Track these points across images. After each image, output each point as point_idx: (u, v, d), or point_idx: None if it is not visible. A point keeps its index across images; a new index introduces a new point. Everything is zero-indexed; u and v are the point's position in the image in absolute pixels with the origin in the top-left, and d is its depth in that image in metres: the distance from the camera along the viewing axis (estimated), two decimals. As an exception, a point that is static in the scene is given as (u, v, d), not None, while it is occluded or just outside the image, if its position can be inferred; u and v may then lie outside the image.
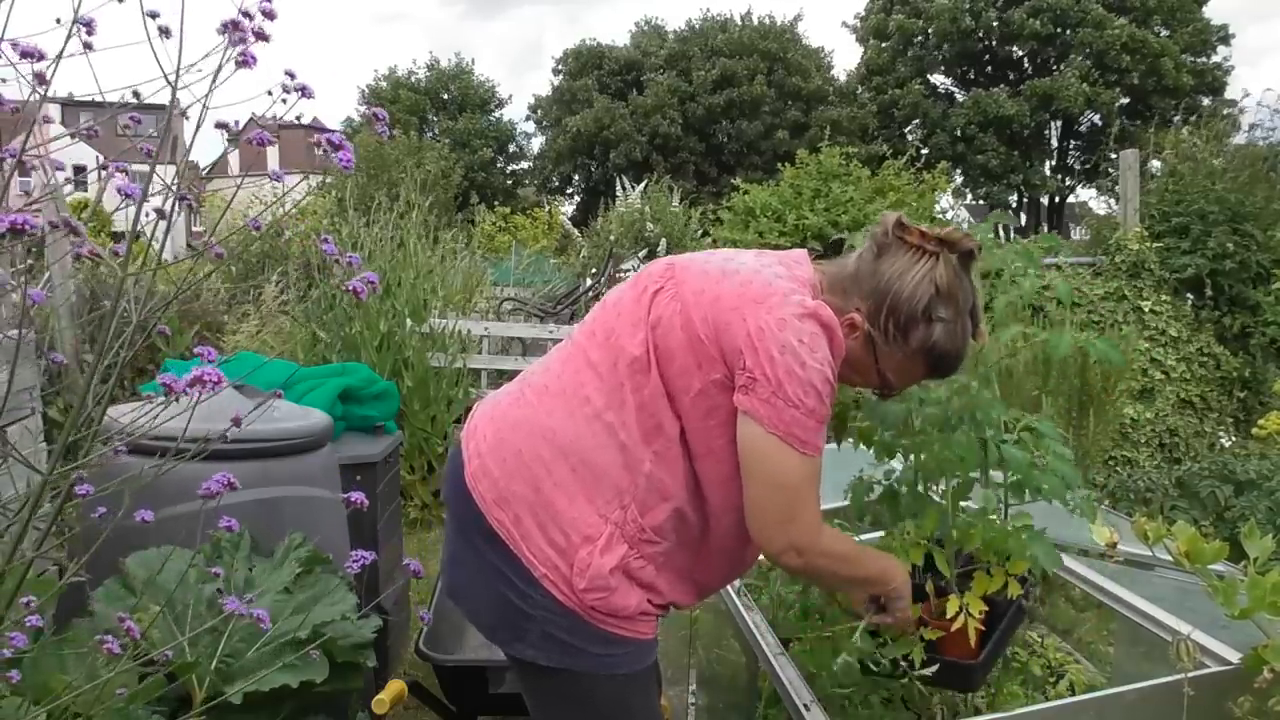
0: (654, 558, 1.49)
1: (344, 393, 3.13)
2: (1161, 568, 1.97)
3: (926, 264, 1.42)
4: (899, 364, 1.46)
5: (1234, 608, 1.40)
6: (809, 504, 1.42)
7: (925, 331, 1.41)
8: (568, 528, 1.47)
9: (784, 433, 1.37)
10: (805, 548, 1.43)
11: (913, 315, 1.41)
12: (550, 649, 1.49)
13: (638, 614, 1.49)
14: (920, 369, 1.48)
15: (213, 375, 1.06)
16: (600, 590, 1.45)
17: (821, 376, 1.37)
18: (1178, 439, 5.73)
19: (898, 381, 1.50)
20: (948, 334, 1.42)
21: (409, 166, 14.21)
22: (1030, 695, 2.14)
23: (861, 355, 1.47)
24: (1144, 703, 1.45)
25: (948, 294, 1.41)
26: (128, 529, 1.83)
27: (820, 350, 1.39)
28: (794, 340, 1.37)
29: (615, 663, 1.50)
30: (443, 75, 37.43)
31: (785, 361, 1.36)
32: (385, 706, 2.34)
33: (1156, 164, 6.98)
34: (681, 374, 1.43)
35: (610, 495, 1.46)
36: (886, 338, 1.43)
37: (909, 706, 2.12)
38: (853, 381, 1.56)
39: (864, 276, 1.46)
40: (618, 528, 1.46)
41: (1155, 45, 28.23)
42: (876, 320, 1.43)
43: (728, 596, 2.10)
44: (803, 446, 1.38)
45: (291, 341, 5.69)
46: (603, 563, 1.44)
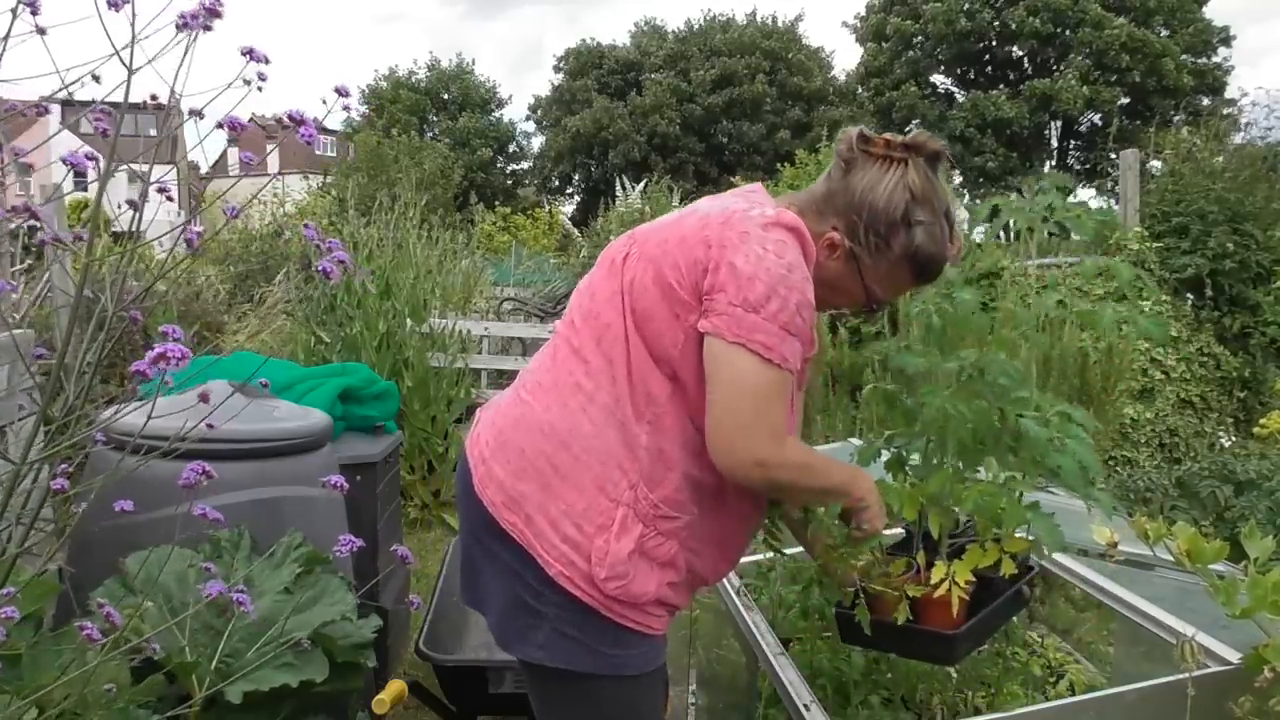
0: (675, 533, 1.46)
1: (344, 393, 3.13)
2: (1162, 568, 1.96)
3: (897, 171, 1.42)
4: (885, 275, 1.45)
5: (1235, 607, 1.40)
6: (774, 414, 1.36)
7: (907, 237, 1.41)
8: (580, 520, 1.44)
9: (745, 339, 1.33)
10: (768, 459, 1.36)
11: (892, 222, 1.41)
12: (559, 650, 1.47)
13: (654, 601, 1.46)
14: (906, 276, 1.46)
15: (175, 352, 1.05)
16: (620, 578, 1.42)
17: (787, 282, 1.34)
18: (1178, 439, 5.73)
19: (885, 293, 1.48)
20: (929, 236, 1.42)
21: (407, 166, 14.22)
22: (1030, 695, 2.14)
23: (845, 273, 1.46)
24: (1144, 703, 1.45)
25: (923, 197, 1.41)
26: (128, 529, 1.83)
27: (788, 255, 1.36)
28: (757, 249, 1.35)
29: (623, 663, 1.48)
30: (443, 75, 37.43)
31: (748, 269, 1.34)
32: (385, 706, 2.34)
33: (1156, 164, 6.99)
34: (664, 331, 1.41)
35: (617, 477, 1.44)
36: (869, 250, 1.42)
37: (909, 707, 2.12)
38: (838, 303, 1.53)
39: (836, 195, 1.45)
40: (630, 508, 1.43)
41: (1156, 45, 28.23)
42: (856, 235, 1.42)
43: (728, 596, 2.10)
44: (766, 351, 1.33)
45: (292, 342, 5.69)
46: (620, 547, 1.42)
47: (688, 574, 1.51)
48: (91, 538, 2.25)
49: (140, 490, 1.61)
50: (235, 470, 2.32)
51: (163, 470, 1.54)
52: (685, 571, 1.50)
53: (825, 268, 1.45)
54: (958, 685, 2.13)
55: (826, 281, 1.46)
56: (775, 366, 1.34)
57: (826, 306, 1.53)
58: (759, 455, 1.36)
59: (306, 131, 1.26)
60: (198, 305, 6.15)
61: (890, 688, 2.10)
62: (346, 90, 1.33)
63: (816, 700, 1.62)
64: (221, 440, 2.29)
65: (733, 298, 1.33)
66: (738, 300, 1.33)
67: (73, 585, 2.10)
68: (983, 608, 1.56)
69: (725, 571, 1.62)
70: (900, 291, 1.51)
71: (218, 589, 1.43)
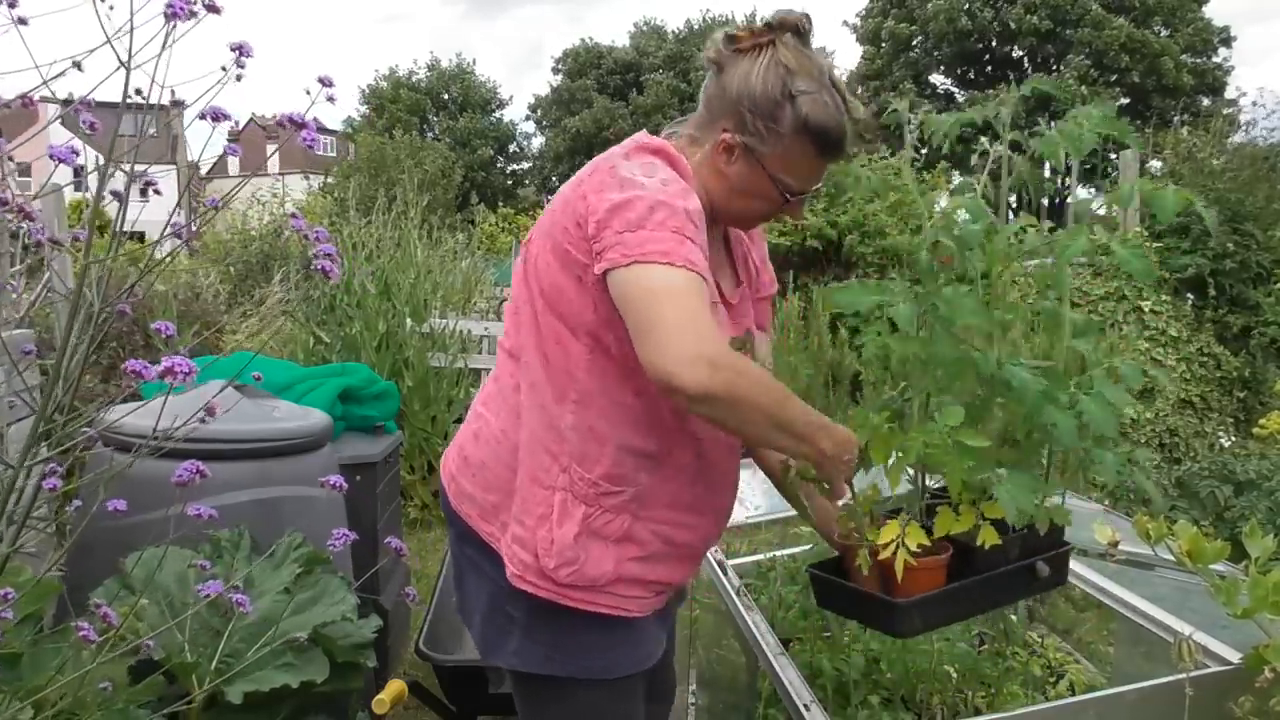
0: (624, 508, 1.42)
1: (344, 393, 3.13)
2: (1162, 568, 1.97)
3: (767, 54, 1.39)
4: (786, 159, 1.40)
5: (1236, 607, 1.40)
6: (701, 313, 1.24)
7: (793, 110, 1.37)
8: (523, 515, 1.44)
9: (639, 255, 1.25)
10: (715, 357, 1.21)
11: (774, 101, 1.37)
12: (531, 655, 1.47)
13: (618, 580, 1.43)
14: (809, 154, 1.40)
15: (183, 366, 1.06)
16: (570, 563, 1.40)
17: (665, 193, 1.30)
18: (1178, 439, 5.73)
19: (795, 179, 1.42)
20: (815, 104, 1.37)
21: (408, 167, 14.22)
22: (1030, 695, 2.14)
23: (749, 172, 1.41)
24: (1144, 703, 1.45)
25: (800, 69, 1.38)
26: (128, 529, 1.83)
27: (659, 173, 1.33)
28: (626, 175, 1.32)
29: (597, 667, 1.46)
30: (443, 75, 37.45)
31: (622, 197, 1.29)
32: (385, 706, 2.34)
33: (1156, 164, 6.99)
34: (574, 299, 1.38)
35: (547, 463, 1.42)
36: (762, 137, 1.38)
37: (909, 707, 2.12)
38: (756, 210, 1.47)
39: (715, 99, 1.43)
40: (567, 491, 1.41)
41: (1155, 45, 28.23)
42: (746, 128, 1.39)
43: (728, 596, 2.10)
44: (665, 258, 1.25)
45: (292, 342, 5.69)
46: (564, 533, 1.40)
47: (661, 545, 1.47)
48: (92, 538, 2.25)
49: (140, 490, 1.61)
50: (235, 470, 2.33)
51: (163, 470, 1.54)
52: (655, 543, 1.46)
53: (729, 174, 1.42)
54: (958, 685, 2.13)
55: (735, 189, 1.43)
56: (682, 269, 1.25)
57: (747, 218, 1.50)
58: (701, 350, 1.21)
59: (308, 135, 1.26)
60: (198, 305, 6.15)
61: (890, 688, 2.10)
62: (330, 80, 1.33)
63: (816, 700, 1.62)
64: (222, 440, 2.29)
65: (617, 227, 1.28)
66: (622, 227, 1.28)
67: (73, 586, 2.10)
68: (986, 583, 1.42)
69: (712, 534, 1.56)
70: (811, 174, 1.44)
71: (216, 589, 1.43)
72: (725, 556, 2.34)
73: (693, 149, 1.46)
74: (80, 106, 1.28)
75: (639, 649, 1.50)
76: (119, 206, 1.26)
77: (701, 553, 1.58)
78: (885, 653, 2.11)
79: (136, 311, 4.48)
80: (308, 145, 1.29)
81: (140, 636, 1.54)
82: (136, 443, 1.43)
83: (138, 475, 1.60)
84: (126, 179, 1.23)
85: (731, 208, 1.46)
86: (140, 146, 1.27)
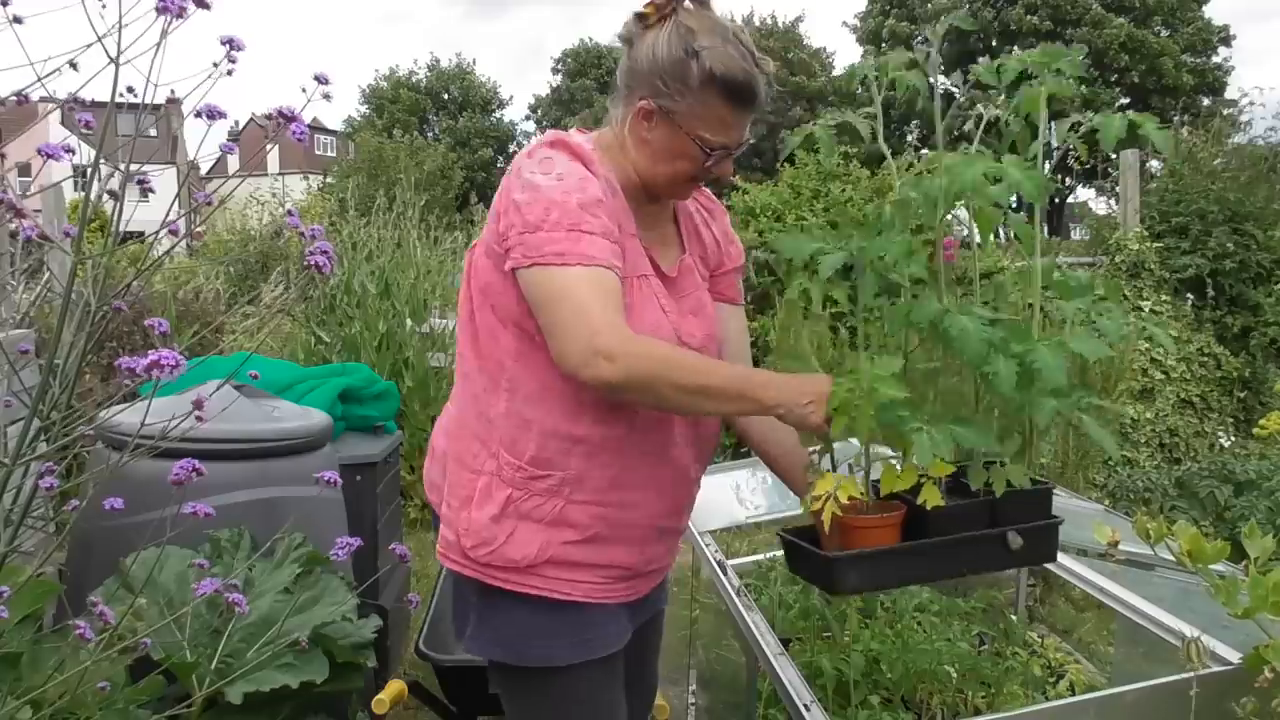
0: (556, 491, 1.43)
1: (344, 393, 3.12)
2: (1162, 568, 1.97)
3: (669, 22, 1.44)
4: (700, 115, 1.43)
5: (1236, 607, 1.40)
6: (598, 306, 1.31)
7: (697, 65, 1.40)
8: (450, 498, 1.50)
9: (537, 257, 1.33)
10: (612, 350, 1.28)
11: (679, 60, 1.41)
12: (482, 640, 1.51)
13: (545, 561, 1.44)
14: (720, 106, 1.43)
15: (169, 360, 1.06)
16: (486, 543, 1.44)
17: (560, 189, 1.36)
18: (1178, 439, 5.73)
19: (713, 134, 1.44)
20: (719, 57, 1.40)
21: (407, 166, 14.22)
22: (1030, 695, 2.15)
23: (669, 134, 1.44)
24: (1144, 703, 1.45)
25: (701, 28, 1.42)
26: (128, 529, 1.83)
27: (556, 167, 1.39)
28: (528, 176, 1.38)
29: (530, 651, 1.47)
30: (443, 75, 37.45)
31: (524, 197, 1.36)
32: (385, 706, 2.34)
33: (1156, 164, 6.99)
34: (502, 292, 1.43)
35: (476, 449, 1.47)
36: (674, 97, 1.42)
37: (909, 707, 2.12)
38: (682, 171, 1.48)
39: (628, 74, 1.48)
40: (494, 476, 1.45)
41: (1155, 45, 28.24)
42: (659, 92, 1.43)
43: (728, 596, 2.10)
44: (560, 259, 1.32)
45: (292, 342, 5.69)
46: (481, 515, 1.44)
47: (604, 528, 1.46)
48: (92, 538, 2.25)
49: (141, 490, 1.61)
50: (235, 470, 2.33)
51: (163, 470, 1.54)
52: (597, 526, 1.46)
53: (651, 141, 1.46)
54: (958, 685, 2.13)
55: (659, 154, 1.46)
56: (576, 267, 1.32)
57: (675, 183, 1.50)
58: (597, 345, 1.28)
59: (298, 128, 1.27)
60: (198, 305, 6.15)
61: (890, 688, 2.10)
62: (326, 78, 1.35)
63: (816, 700, 1.62)
64: (222, 440, 2.29)
65: (519, 228, 1.35)
66: (523, 228, 1.35)
67: (73, 586, 2.10)
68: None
69: (661, 511, 1.52)
70: (727, 127, 1.45)
71: (210, 586, 1.44)
72: (725, 556, 2.34)
73: (616, 127, 1.51)
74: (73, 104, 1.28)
75: (585, 636, 1.49)
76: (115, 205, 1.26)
77: (656, 532, 1.55)
78: (885, 653, 2.11)
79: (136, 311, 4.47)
80: (299, 139, 1.30)
81: (137, 635, 1.54)
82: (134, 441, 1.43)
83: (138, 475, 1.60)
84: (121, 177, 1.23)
85: (658, 175, 1.48)
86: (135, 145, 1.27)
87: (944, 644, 2.14)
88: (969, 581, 3.05)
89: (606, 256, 1.34)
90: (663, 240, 1.57)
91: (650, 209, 1.54)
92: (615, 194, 1.44)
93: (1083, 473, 4.28)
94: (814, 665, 2.05)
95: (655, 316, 1.45)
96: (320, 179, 17.04)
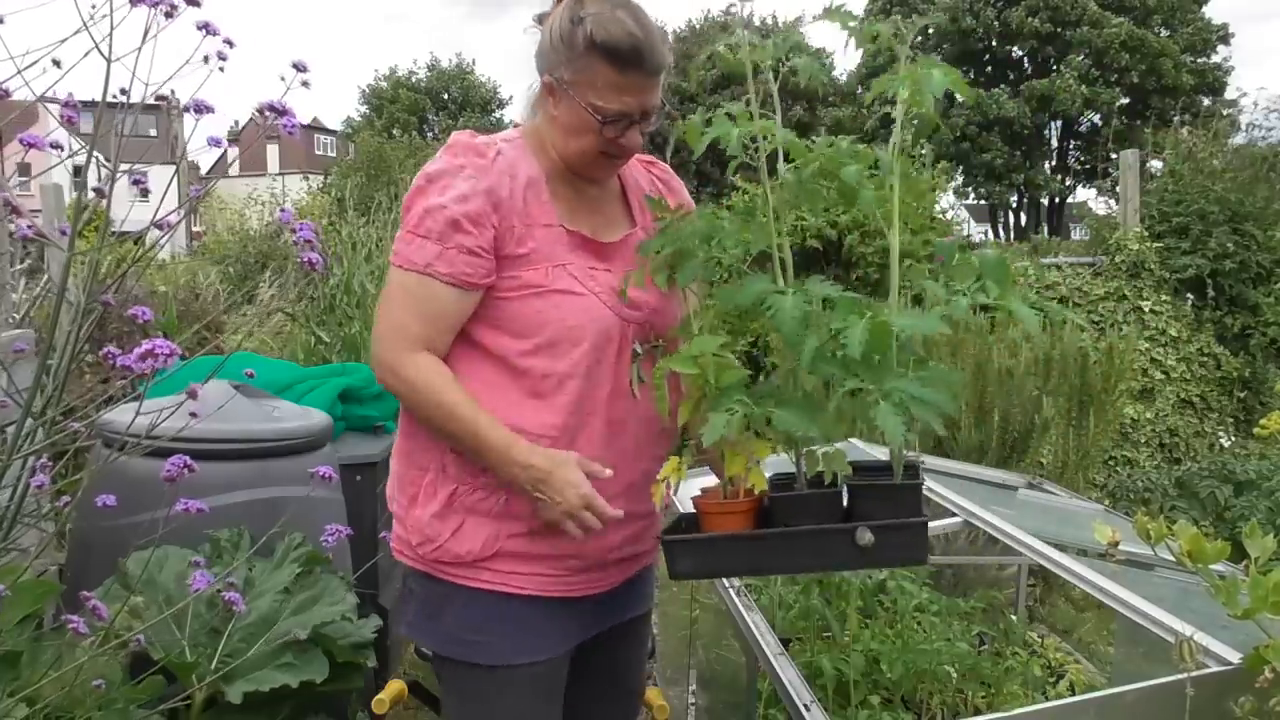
0: (501, 483, 1.43)
1: (344, 393, 3.12)
2: (1162, 568, 1.96)
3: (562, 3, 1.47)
4: (588, 80, 1.43)
5: (1236, 608, 1.40)
6: (392, 315, 1.42)
7: (581, 31, 1.41)
8: (399, 494, 1.52)
9: (393, 258, 1.44)
10: (383, 361, 1.42)
11: (568, 31, 1.43)
12: (422, 628, 1.52)
13: (494, 555, 1.44)
14: (607, 72, 1.42)
15: (164, 348, 1.07)
16: (431, 540, 1.46)
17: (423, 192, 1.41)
18: (1178, 439, 5.74)
19: (604, 101, 1.43)
20: (600, 21, 1.41)
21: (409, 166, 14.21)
22: (1030, 695, 2.14)
23: (568, 108, 1.45)
24: (1144, 703, 1.45)
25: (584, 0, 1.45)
26: (129, 529, 1.83)
27: (431, 168, 1.43)
28: (415, 185, 1.44)
29: (461, 642, 1.47)
30: (443, 75, 37.45)
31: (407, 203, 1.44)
32: (385, 706, 2.34)
33: (1156, 164, 6.99)
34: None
35: (426, 444, 1.48)
36: (566, 66, 1.44)
37: (909, 707, 2.12)
38: (587, 146, 1.47)
39: (537, 55, 1.50)
40: (439, 472, 1.46)
41: (1155, 45, 28.23)
42: (555, 66, 1.45)
43: (728, 596, 2.10)
44: (395, 259, 1.43)
45: (292, 342, 5.69)
46: (425, 512, 1.46)
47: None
48: (92, 537, 2.25)
49: (142, 490, 1.61)
50: (235, 470, 2.32)
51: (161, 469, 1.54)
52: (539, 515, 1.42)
53: (558, 117, 1.47)
54: (958, 685, 2.13)
55: (564, 129, 1.47)
56: (402, 270, 1.41)
57: (585, 158, 1.49)
58: (378, 353, 1.42)
59: (289, 121, 1.29)
60: (198, 305, 6.15)
61: (890, 688, 2.10)
62: (304, 65, 1.39)
63: (816, 700, 1.62)
64: (222, 440, 2.29)
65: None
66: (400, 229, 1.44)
67: (73, 586, 2.10)
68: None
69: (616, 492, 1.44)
70: (617, 93, 1.43)
71: (205, 581, 1.44)
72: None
73: (529, 112, 1.55)
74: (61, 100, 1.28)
75: (521, 638, 1.47)
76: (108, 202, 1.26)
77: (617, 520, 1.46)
78: (885, 653, 2.11)
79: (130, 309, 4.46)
80: (290, 133, 1.32)
81: (133, 632, 1.54)
82: (134, 443, 1.43)
83: (139, 475, 1.60)
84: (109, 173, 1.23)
85: (570, 152, 1.48)
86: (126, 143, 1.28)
87: (944, 644, 2.14)
88: (969, 581, 3.05)
89: (427, 262, 1.39)
90: (607, 221, 1.56)
91: (591, 192, 1.55)
92: (526, 187, 1.45)
93: (1083, 473, 4.28)
94: (814, 665, 2.04)
95: (579, 302, 1.44)
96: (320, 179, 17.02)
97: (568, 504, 1.38)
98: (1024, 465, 4.02)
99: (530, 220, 1.44)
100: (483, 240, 1.40)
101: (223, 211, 12.65)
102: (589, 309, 1.44)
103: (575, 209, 1.51)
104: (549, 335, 1.42)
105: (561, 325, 1.42)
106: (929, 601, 2.38)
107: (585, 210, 1.52)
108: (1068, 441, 4.23)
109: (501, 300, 1.43)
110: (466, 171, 1.42)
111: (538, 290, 1.42)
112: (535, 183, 1.46)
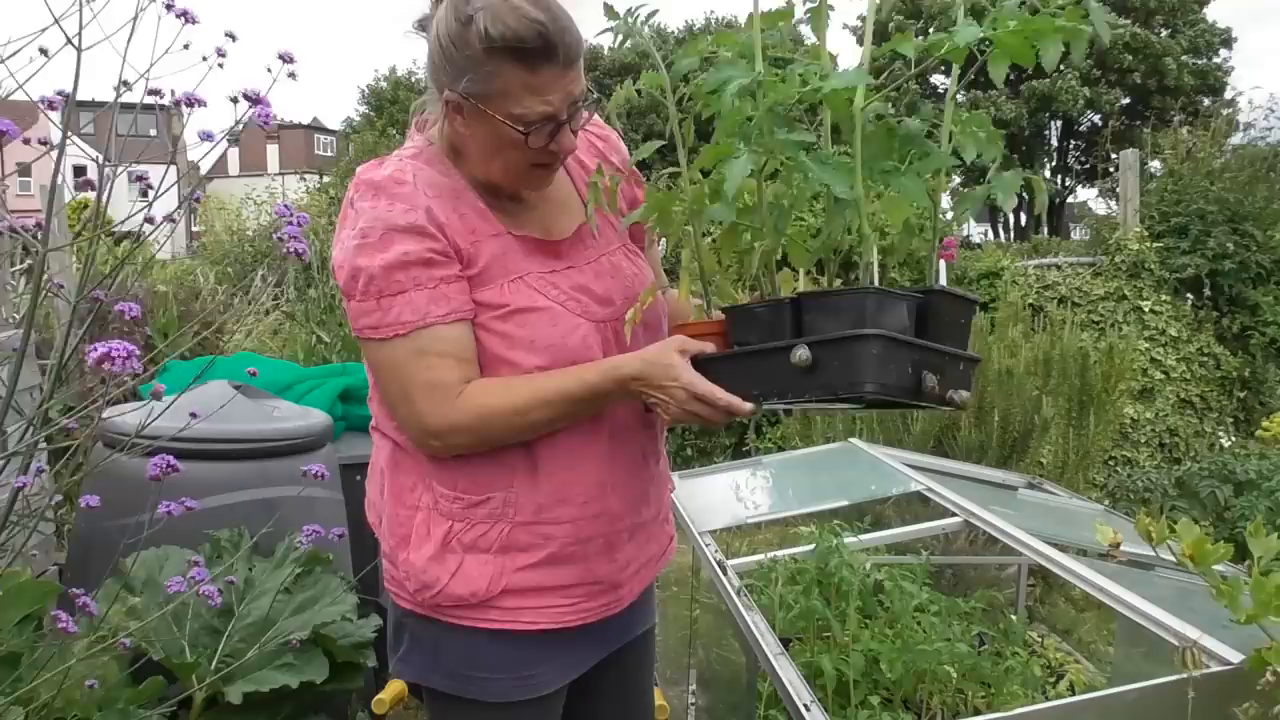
0: (499, 515, 1.31)
1: (344, 393, 3.12)
2: (1162, 568, 1.97)
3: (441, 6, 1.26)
4: (498, 87, 1.22)
5: (1239, 612, 1.39)
6: (418, 383, 1.25)
7: (474, 30, 1.20)
8: (389, 535, 1.38)
9: (359, 331, 1.28)
10: (437, 427, 1.26)
11: (458, 33, 1.21)
12: (416, 663, 1.39)
13: (502, 592, 1.31)
14: (515, 72, 1.21)
15: (120, 351, 1.05)
16: (429, 587, 1.31)
17: (363, 252, 1.23)
18: (1178, 439, 5.74)
19: (521, 107, 1.23)
20: (495, 15, 1.19)
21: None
22: (1030, 695, 2.14)
23: (481, 125, 1.26)
24: (1144, 703, 1.45)
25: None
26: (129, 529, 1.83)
27: (361, 221, 1.25)
28: (338, 235, 1.29)
29: (462, 680, 1.35)
30: (442, 75, 37.46)
31: (336, 261, 1.28)
32: (385, 706, 2.34)
33: (1156, 164, 7.00)
34: None
35: (413, 482, 1.34)
36: (467, 76, 1.22)
37: (909, 707, 2.12)
38: (514, 161, 1.30)
39: (428, 72, 1.30)
40: (430, 510, 1.32)
41: (1157, 45, 28.25)
42: (453, 79, 1.24)
43: (728, 596, 2.10)
44: (375, 333, 1.26)
45: (292, 342, 5.69)
46: (420, 555, 1.32)
47: (561, 545, 1.33)
48: (92, 538, 2.25)
49: (139, 491, 1.61)
50: (236, 470, 2.33)
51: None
52: (552, 545, 1.32)
53: (470, 137, 1.29)
54: (958, 685, 2.13)
55: (483, 149, 1.29)
56: (396, 339, 1.25)
57: (515, 174, 1.32)
58: (426, 426, 1.27)
59: (262, 111, 1.26)
60: (197, 305, 6.14)
61: (890, 688, 2.10)
62: (290, 56, 1.33)
63: (816, 700, 1.62)
64: (222, 440, 2.30)
65: (345, 293, 1.28)
66: (344, 292, 1.28)
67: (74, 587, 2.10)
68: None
69: (622, 511, 1.37)
70: (538, 93, 1.24)
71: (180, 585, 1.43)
72: (725, 556, 2.34)
73: (437, 132, 1.36)
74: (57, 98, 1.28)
75: (527, 673, 1.36)
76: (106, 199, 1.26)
77: (624, 534, 1.40)
78: (885, 653, 2.11)
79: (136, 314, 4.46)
80: (263, 124, 1.29)
81: (137, 636, 1.54)
82: (134, 443, 1.43)
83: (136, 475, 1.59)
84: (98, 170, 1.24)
85: (494, 174, 1.31)
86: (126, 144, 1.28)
87: (944, 644, 2.14)
88: (969, 581, 3.05)
89: (423, 310, 1.24)
90: (556, 210, 1.41)
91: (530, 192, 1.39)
92: (458, 200, 1.30)
93: (1083, 473, 4.29)
94: (814, 665, 2.04)
95: (544, 317, 1.30)
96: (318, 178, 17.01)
97: (676, 403, 1.22)
98: (1024, 465, 4.02)
99: (476, 234, 1.29)
100: (454, 265, 1.27)
101: (221, 212, 12.66)
102: (556, 320, 1.30)
103: (516, 212, 1.35)
104: (520, 359, 1.28)
105: (532, 348, 1.28)
106: (929, 602, 2.38)
107: (527, 210, 1.37)
108: (1068, 441, 4.24)
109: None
110: (398, 207, 1.25)
111: (499, 312, 1.28)
112: (465, 194, 1.31)
